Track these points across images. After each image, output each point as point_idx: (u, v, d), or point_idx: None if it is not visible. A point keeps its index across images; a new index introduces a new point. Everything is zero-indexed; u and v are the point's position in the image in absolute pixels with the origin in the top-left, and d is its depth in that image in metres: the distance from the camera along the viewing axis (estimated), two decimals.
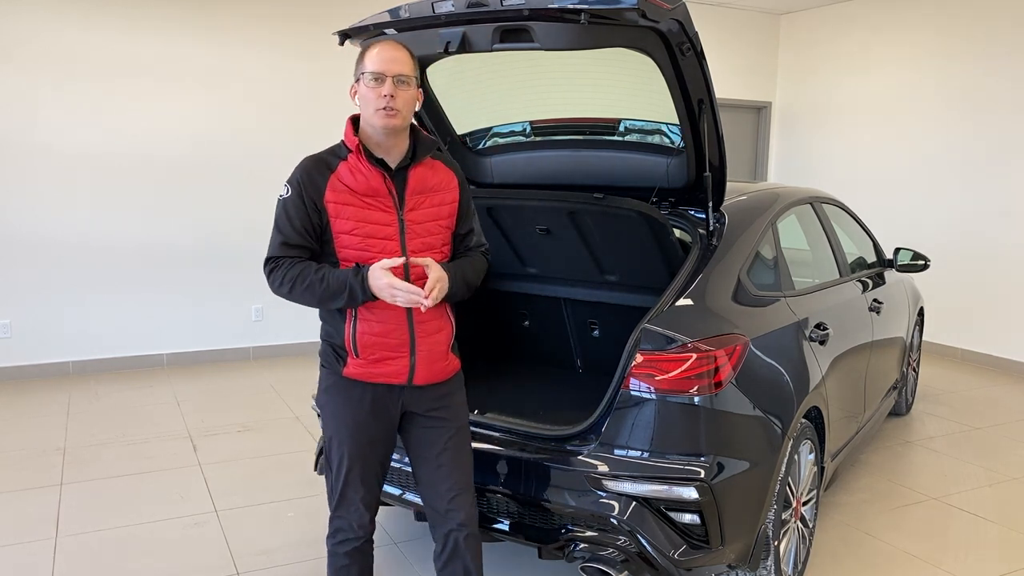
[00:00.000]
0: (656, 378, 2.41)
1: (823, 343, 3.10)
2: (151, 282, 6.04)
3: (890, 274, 4.45)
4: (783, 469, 2.67)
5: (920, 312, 5.12)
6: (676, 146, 2.92)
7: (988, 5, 6.52)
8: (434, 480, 2.30)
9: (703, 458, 2.40)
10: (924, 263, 4.45)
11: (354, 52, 2.94)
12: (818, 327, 3.09)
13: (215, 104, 6.09)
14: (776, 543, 2.68)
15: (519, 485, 2.58)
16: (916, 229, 7.08)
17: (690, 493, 2.36)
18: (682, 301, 2.57)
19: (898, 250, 4.46)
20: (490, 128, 3.39)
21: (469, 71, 3.01)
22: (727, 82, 8.14)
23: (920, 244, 6.76)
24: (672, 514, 2.41)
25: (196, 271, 6.18)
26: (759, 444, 2.57)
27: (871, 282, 4.08)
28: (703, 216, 2.86)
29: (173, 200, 6.04)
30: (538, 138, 3.32)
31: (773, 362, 2.71)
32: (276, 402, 5.28)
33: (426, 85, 3.05)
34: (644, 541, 2.37)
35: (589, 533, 2.45)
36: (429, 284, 2.10)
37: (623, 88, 2.89)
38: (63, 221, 5.71)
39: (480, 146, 3.42)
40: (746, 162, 8.72)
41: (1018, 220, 6.40)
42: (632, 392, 2.44)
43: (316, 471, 3.09)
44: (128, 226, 5.92)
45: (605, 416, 2.48)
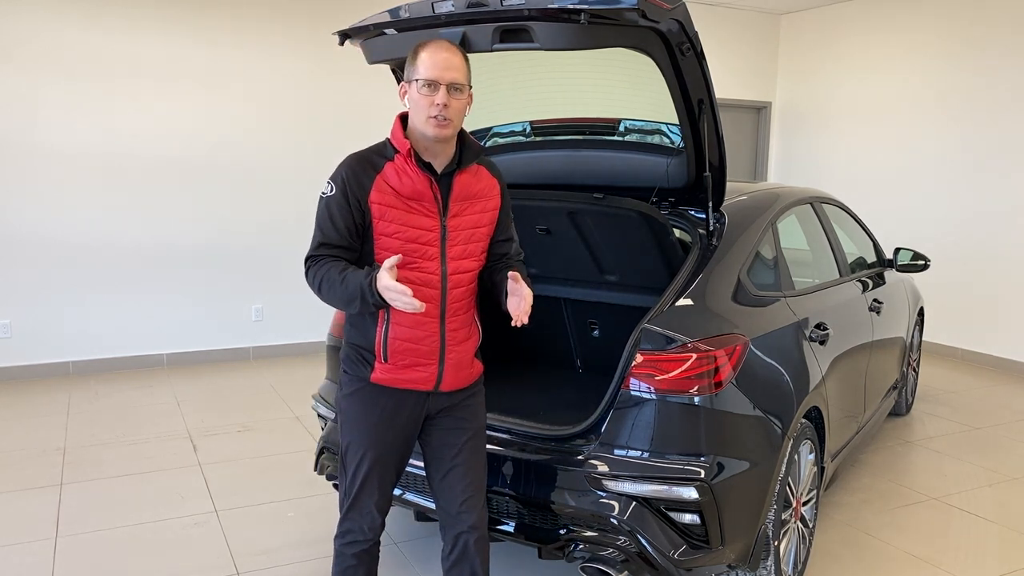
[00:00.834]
0: (656, 378, 2.41)
1: (823, 343, 3.10)
2: (151, 282, 6.04)
3: (890, 274, 4.45)
4: (783, 469, 2.67)
5: (920, 312, 5.12)
6: (676, 146, 2.92)
7: (988, 6, 6.52)
8: (449, 481, 2.28)
9: (703, 458, 2.40)
10: (924, 263, 4.45)
11: (354, 52, 2.94)
12: (818, 327, 3.09)
13: (215, 104, 6.09)
14: (776, 543, 2.68)
15: (519, 485, 2.57)
16: (916, 229, 7.08)
17: (690, 493, 2.36)
18: (682, 301, 2.57)
19: (898, 250, 4.46)
20: (490, 128, 3.39)
21: None
22: (727, 82, 8.15)
23: (920, 244, 6.76)
24: (672, 514, 2.41)
25: (196, 271, 6.18)
26: (759, 444, 2.57)
27: (871, 282, 4.08)
28: (703, 216, 2.86)
29: (173, 200, 6.04)
30: (538, 138, 3.32)
31: (773, 362, 2.71)
32: (276, 402, 5.28)
33: None
34: (644, 541, 2.36)
35: (589, 533, 2.45)
36: (525, 307, 2.08)
37: (623, 88, 2.89)
38: (63, 221, 5.71)
39: None
40: (746, 162, 8.72)
41: (1018, 220, 6.39)
42: (632, 392, 2.44)
43: (316, 471, 3.09)
44: (128, 226, 5.92)
45: (605, 416, 2.48)
